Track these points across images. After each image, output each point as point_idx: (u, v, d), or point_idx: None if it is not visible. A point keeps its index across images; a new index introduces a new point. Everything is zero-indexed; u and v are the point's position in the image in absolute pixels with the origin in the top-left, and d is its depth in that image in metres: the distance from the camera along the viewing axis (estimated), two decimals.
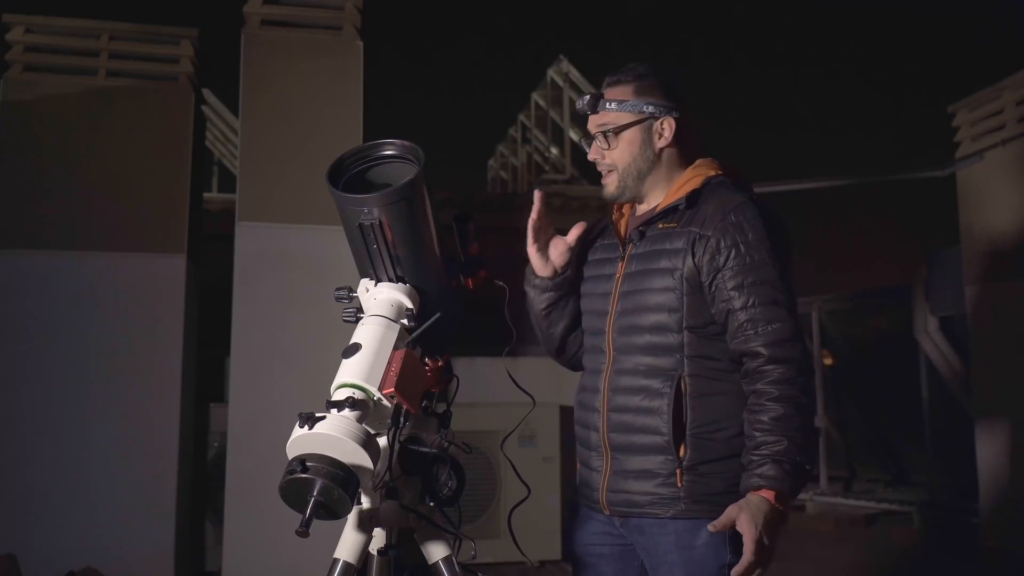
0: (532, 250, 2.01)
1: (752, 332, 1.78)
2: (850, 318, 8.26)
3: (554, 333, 2.11)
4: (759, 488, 1.71)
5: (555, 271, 2.03)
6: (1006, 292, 5.57)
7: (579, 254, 2.11)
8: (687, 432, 1.82)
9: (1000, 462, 5.60)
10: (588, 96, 2.00)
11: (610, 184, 1.98)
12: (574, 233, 1.99)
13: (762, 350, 1.77)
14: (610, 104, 1.95)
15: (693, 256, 1.85)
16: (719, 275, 1.82)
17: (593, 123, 1.98)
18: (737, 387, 1.84)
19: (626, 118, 1.95)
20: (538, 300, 2.07)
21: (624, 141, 1.95)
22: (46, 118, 4.53)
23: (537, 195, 1.93)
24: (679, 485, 1.82)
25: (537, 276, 2.04)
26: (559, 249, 2.01)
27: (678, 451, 1.82)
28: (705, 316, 1.86)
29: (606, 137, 1.96)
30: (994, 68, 5.92)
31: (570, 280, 2.05)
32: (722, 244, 1.83)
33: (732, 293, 1.81)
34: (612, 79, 1.98)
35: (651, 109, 1.95)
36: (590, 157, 2.00)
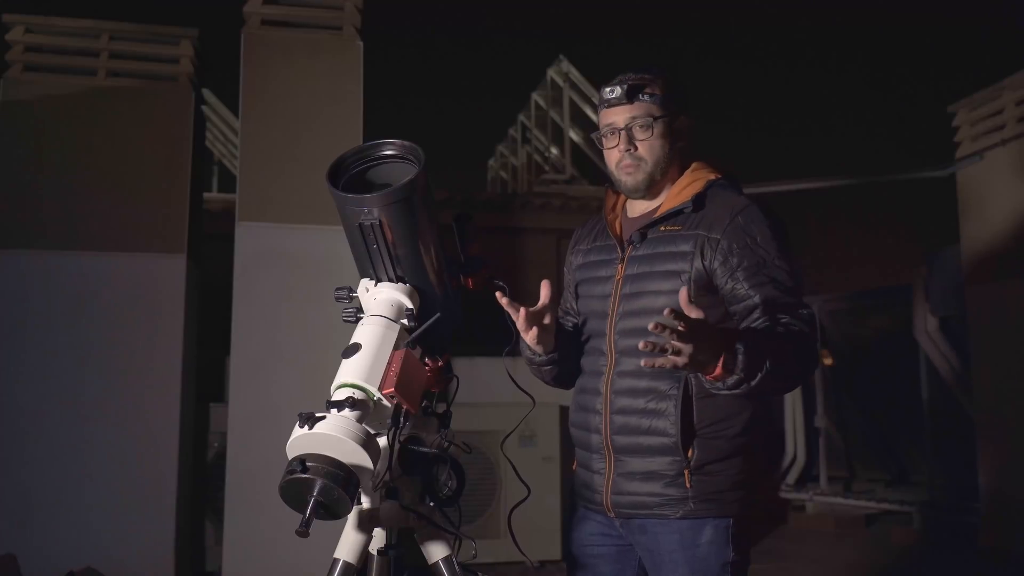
0: (530, 337, 1.89)
1: (787, 315, 1.80)
2: (850, 318, 8.26)
3: (564, 384, 2.10)
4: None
5: (552, 343, 1.95)
6: (1006, 292, 5.56)
7: (575, 254, 2.13)
8: (696, 433, 1.83)
9: (1000, 462, 5.60)
10: (624, 85, 1.92)
11: (638, 176, 1.94)
12: (545, 292, 1.86)
13: (799, 323, 1.79)
14: (644, 96, 1.92)
15: (703, 259, 1.84)
16: (734, 276, 1.83)
17: (623, 114, 1.93)
18: None
19: (658, 112, 1.93)
20: (546, 372, 2.03)
21: (657, 135, 1.93)
22: (46, 118, 4.53)
23: (504, 300, 1.80)
24: (688, 486, 1.83)
25: (538, 355, 1.97)
26: (548, 321, 1.90)
27: (686, 452, 1.82)
28: (712, 316, 1.85)
29: (644, 128, 1.92)
30: (994, 68, 5.92)
31: (565, 341, 1.99)
32: (734, 246, 1.83)
33: (751, 292, 1.81)
34: (635, 76, 1.94)
35: (676, 107, 1.95)
36: (620, 148, 1.93)
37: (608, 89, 1.94)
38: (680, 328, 1.56)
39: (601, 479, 1.92)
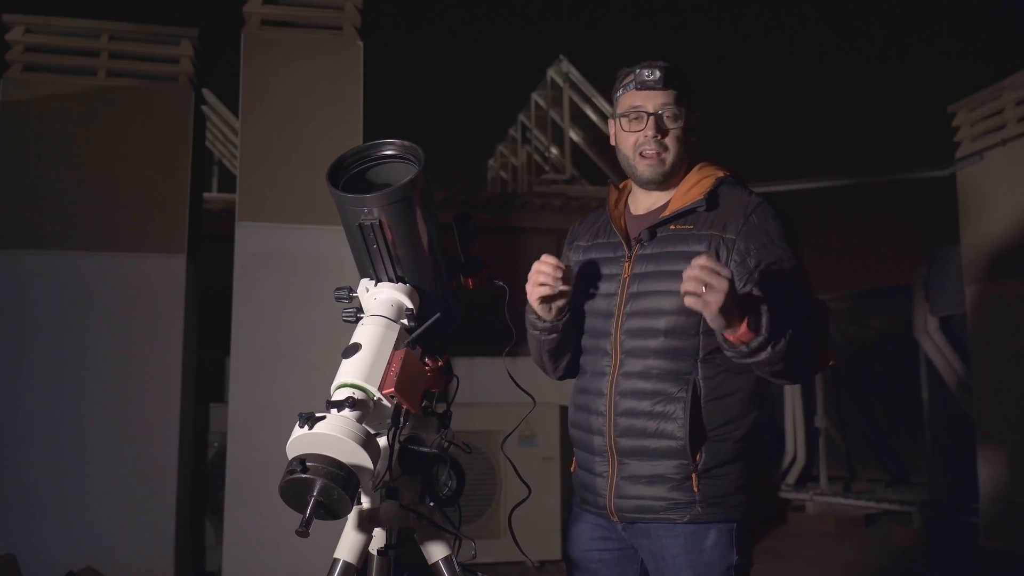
0: (537, 300, 1.88)
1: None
2: (850, 318, 8.26)
3: (559, 365, 2.06)
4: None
5: (559, 312, 1.92)
6: (1006, 292, 5.56)
7: (574, 249, 2.09)
8: (706, 436, 1.81)
9: (1000, 462, 5.60)
10: (662, 69, 1.88)
11: (659, 169, 1.90)
12: (568, 273, 1.86)
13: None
14: (677, 85, 1.90)
15: (718, 259, 1.79)
16: (751, 277, 1.80)
17: (656, 99, 1.88)
18: (744, 388, 1.83)
19: (685, 102, 1.91)
20: (546, 341, 1.99)
21: (682, 126, 1.91)
22: (46, 118, 4.53)
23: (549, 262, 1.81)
24: (695, 489, 1.80)
25: (543, 320, 1.94)
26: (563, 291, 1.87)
27: (694, 456, 1.80)
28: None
29: (674, 118, 1.89)
30: (994, 68, 5.91)
31: (572, 319, 1.96)
32: (750, 247, 1.81)
33: (766, 292, 1.78)
34: (664, 65, 1.90)
35: (694, 102, 1.93)
36: (646, 133, 1.89)
37: (646, 72, 1.89)
38: (715, 269, 1.56)
39: (604, 482, 1.89)
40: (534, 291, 1.86)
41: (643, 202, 1.99)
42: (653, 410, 1.83)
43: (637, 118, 1.90)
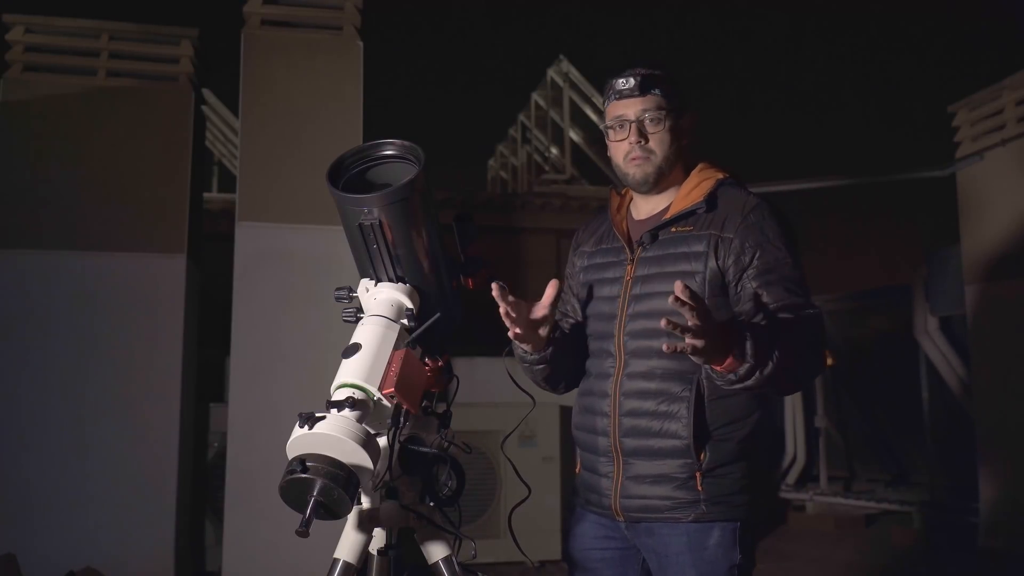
0: (515, 335, 1.85)
1: (794, 315, 1.79)
2: (850, 318, 8.26)
3: (558, 388, 2.07)
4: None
5: (543, 342, 1.90)
6: (1006, 292, 5.56)
7: (579, 255, 2.11)
8: (710, 436, 1.82)
9: (1000, 462, 5.60)
10: (638, 76, 1.91)
11: (647, 168, 1.92)
12: (550, 293, 1.83)
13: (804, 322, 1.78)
14: (655, 89, 1.92)
15: (716, 258, 1.83)
16: (745, 275, 1.82)
17: (635, 107, 1.91)
18: None
19: (668, 106, 1.92)
20: (537, 372, 1.99)
21: (667, 129, 1.92)
22: (46, 118, 4.53)
23: (495, 289, 1.74)
24: (699, 488, 1.81)
25: (529, 353, 1.93)
26: (539, 317, 1.84)
27: (698, 455, 1.81)
28: (723, 318, 1.84)
29: (655, 122, 1.91)
30: (994, 68, 5.91)
31: (560, 341, 1.95)
32: (746, 245, 1.83)
33: (760, 291, 1.80)
34: (647, 69, 1.93)
35: (682, 104, 1.95)
36: (630, 141, 1.91)
37: (621, 81, 1.93)
38: (694, 305, 1.54)
39: (609, 482, 1.90)
40: (512, 330, 1.84)
41: (644, 207, 2.01)
42: (658, 410, 1.84)
43: (621, 127, 1.94)
